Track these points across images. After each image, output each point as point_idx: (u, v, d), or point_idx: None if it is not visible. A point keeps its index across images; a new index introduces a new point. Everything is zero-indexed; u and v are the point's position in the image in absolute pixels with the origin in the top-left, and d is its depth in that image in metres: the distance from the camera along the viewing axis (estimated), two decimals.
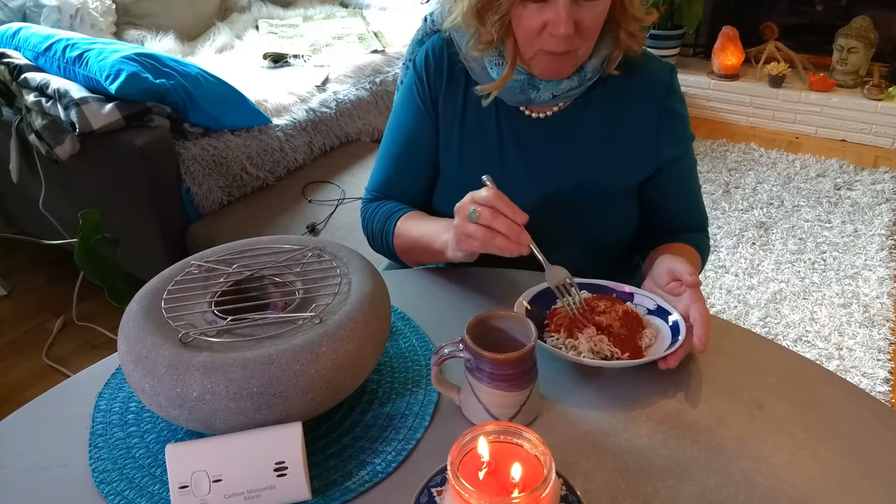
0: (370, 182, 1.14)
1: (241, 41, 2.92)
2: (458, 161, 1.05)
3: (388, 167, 1.10)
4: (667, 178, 1.04)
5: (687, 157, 1.06)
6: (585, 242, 1.03)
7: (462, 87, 1.03)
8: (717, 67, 3.52)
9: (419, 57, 1.06)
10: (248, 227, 1.94)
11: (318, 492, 0.66)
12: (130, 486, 0.68)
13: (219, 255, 0.81)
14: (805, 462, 0.68)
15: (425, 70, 1.05)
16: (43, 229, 2.19)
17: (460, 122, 1.04)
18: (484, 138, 1.04)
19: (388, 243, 1.06)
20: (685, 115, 1.04)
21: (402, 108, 1.09)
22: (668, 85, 1.01)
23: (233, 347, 0.66)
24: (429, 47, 1.06)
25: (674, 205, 1.07)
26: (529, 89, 0.96)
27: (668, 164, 1.03)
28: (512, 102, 1.01)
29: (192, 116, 1.98)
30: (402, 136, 1.08)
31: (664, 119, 1.01)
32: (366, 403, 0.77)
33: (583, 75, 0.96)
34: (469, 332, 0.70)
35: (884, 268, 2.35)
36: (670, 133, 1.02)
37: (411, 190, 1.09)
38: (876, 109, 3.21)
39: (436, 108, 1.05)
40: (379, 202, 1.10)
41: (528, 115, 1.02)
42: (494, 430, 0.58)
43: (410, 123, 1.07)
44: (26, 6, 2.40)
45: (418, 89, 1.06)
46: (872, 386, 1.86)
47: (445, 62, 1.04)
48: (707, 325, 0.79)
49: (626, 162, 1.02)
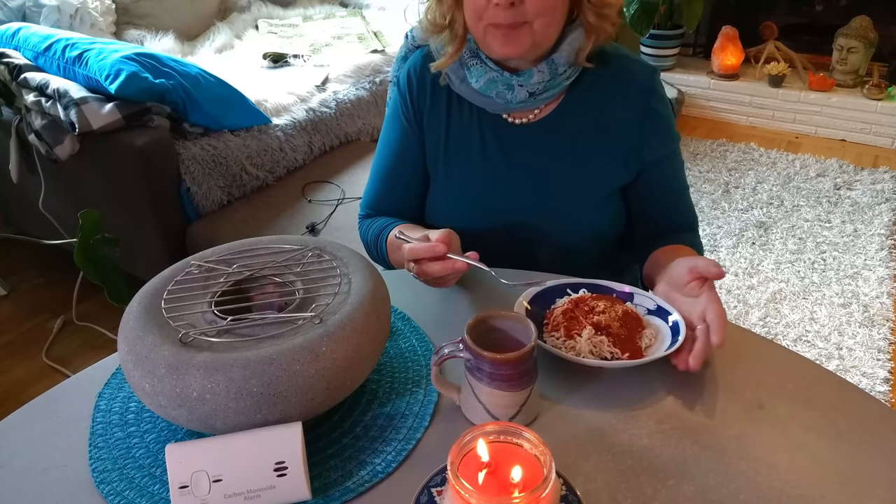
0: (363, 199, 1.17)
1: (241, 41, 2.92)
2: (445, 173, 1.08)
3: (378, 185, 1.13)
4: (652, 179, 1.05)
5: (672, 159, 1.06)
6: (567, 245, 1.04)
7: (445, 101, 1.05)
8: (716, 67, 3.52)
9: (402, 76, 1.09)
10: (248, 227, 1.94)
11: (318, 492, 0.66)
12: (130, 486, 0.68)
13: (219, 255, 0.81)
14: (805, 462, 0.68)
15: (408, 89, 1.07)
16: (43, 229, 2.19)
17: (445, 136, 1.06)
18: (469, 149, 1.05)
19: (384, 257, 1.09)
20: (669, 117, 1.05)
21: (389, 126, 1.12)
22: (649, 87, 1.01)
23: (233, 347, 0.66)
24: (410, 66, 1.08)
25: (661, 205, 1.08)
26: (504, 90, 0.97)
27: (652, 167, 1.04)
28: (493, 110, 1.02)
29: (191, 116, 1.98)
30: (390, 154, 1.11)
31: (647, 122, 1.01)
32: (366, 403, 0.77)
33: (553, 67, 0.96)
34: (469, 332, 0.70)
35: (884, 267, 2.35)
36: (654, 135, 1.02)
37: (402, 205, 1.12)
38: (876, 109, 3.21)
39: (420, 124, 1.08)
40: (372, 218, 1.13)
41: (510, 121, 1.03)
42: (494, 430, 0.58)
43: (397, 142, 1.10)
44: (26, 6, 2.40)
45: (402, 109, 1.08)
46: (872, 386, 1.86)
47: (428, 78, 1.05)
48: (724, 321, 0.78)
49: (609, 166, 1.02)
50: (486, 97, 0.99)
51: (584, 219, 1.04)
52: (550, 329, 0.84)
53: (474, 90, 0.99)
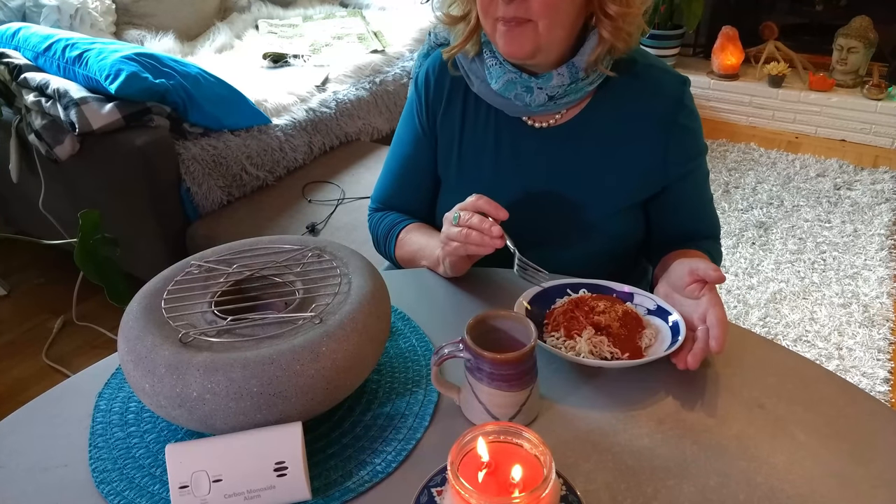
0: (374, 191, 1.17)
1: (241, 41, 2.92)
2: (457, 174, 1.07)
3: (389, 182, 1.14)
4: (675, 193, 1.02)
5: (698, 171, 1.03)
6: (576, 255, 1.02)
7: (461, 102, 1.04)
8: (716, 67, 3.52)
9: (420, 75, 1.08)
10: (248, 227, 1.94)
11: (318, 492, 0.66)
12: (130, 486, 0.68)
13: (219, 255, 0.81)
14: (805, 462, 0.68)
15: (425, 89, 1.07)
16: (43, 229, 2.19)
17: (459, 136, 1.05)
18: (482, 150, 1.04)
19: (391, 253, 1.10)
20: (696, 130, 1.00)
21: (404, 124, 1.12)
22: (678, 101, 0.97)
23: (233, 347, 0.66)
24: (429, 64, 1.07)
25: (684, 217, 1.05)
26: (523, 92, 0.95)
27: (676, 182, 1.01)
28: (513, 113, 1.00)
29: (191, 116, 1.98)
30: (402, 153, 1.11)
31: (672, 137, 0.97)
32: (366, 403, 0.77)
33: (574, 71, 0.93)
34: (469, 332, 0.70)
35: (884, 268, 2.35)
36: (679, 151, 0.98)
37: (411, 204, 1.12)
38: (876, 109, 3.21)
39: (434, 127, 1.07)
40: (383, 213, 1.14)
41: (530, 125, 1.01)
42: (494, 430, 0.58)
43: (409, 144, 1.10)
44: (26, 6, 2.40)
45: (417, 109, 1.08)
46: (872, 386, 1.86)
47: (446, 78, 1.05)
48: (725, 327, 0.78)
49: (622, 181, 0.99)
50: (505, 99, 0.97)
51: (596, 231, 1.01)
52: (550, 329, 0.84)
53: (494, 91, 0.97)
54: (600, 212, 1.00)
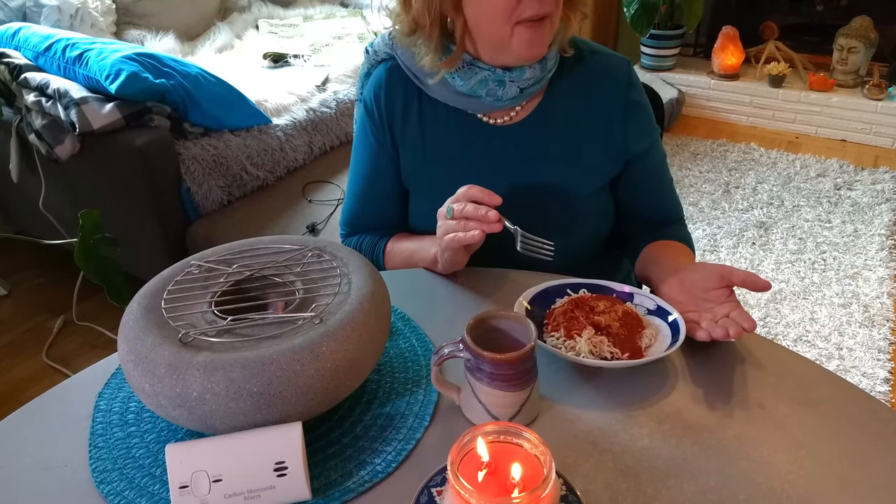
0: (342, 218, 1.16)
1: (241, 41, 2.92)
2: (427, 178, 1.06)
3: (358, 205, 1.12)
4: (638, 171, 1.05)
5: (656, 148, 1.07)
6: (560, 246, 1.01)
7: (417, 108, 1.03)
8: (717, 67, 3.52)
9: (367, 94, 1.06)
10: (248, 227, 1.94)
11: (318, 492, 0.66)
12: (130, 486, 0.68)
13: (219, 255, 0.81)
14: (805, 462, 0.68)
15: (375, 105, 1.05)
16: (43, 229, 2.19)
17: (422, 144, 1.04)
18: (447, 152, 1.03)
19: (381, 268, 1.08)
20: (649, 107, 1.05)
21: (359, 148, 1.10)
22: (627, 79, 1.01)
23: (233, 347, 0.66)
24: (374, 81, 1.06)
25: (648, 197, 1.08)
26: (496, 87, 0.95)
27: (637, 158, 1.04)
28: (472, 111, 1.00)
29: (192, 116, 1.98)
30: (362, 174, 1.10)
31: (629, 113, 1.02)
32: (366, 403, 0.77)
33: (544, 63, 0.96)
34: (469, 332, 0.70)
35: (884, 268, 2.35)
36: (637, 127, 1.03)
37: (384, 220, 1.11)
38: (876, 109, 3.21)
39: (393, 139, 1.06)
40: (357, 236, 1.13)
41: (488, 122, 1.02)
42: (494, 430, 0.58)
43: (368, 165, 1.09)
44: (26, 6, 2.40)
45: (370, 127, 1.06)
46: (872, 386, 1.86)
47: (396, 90, 1.03)
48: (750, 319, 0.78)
49: (595, 162, 1.02)
50: (470, 98, 0.98)
51: (573, 216, 1.03)
52: (550, 329, 0.84)
53: (456, 92, 0.97)
54: (571, 199, 1.02)
